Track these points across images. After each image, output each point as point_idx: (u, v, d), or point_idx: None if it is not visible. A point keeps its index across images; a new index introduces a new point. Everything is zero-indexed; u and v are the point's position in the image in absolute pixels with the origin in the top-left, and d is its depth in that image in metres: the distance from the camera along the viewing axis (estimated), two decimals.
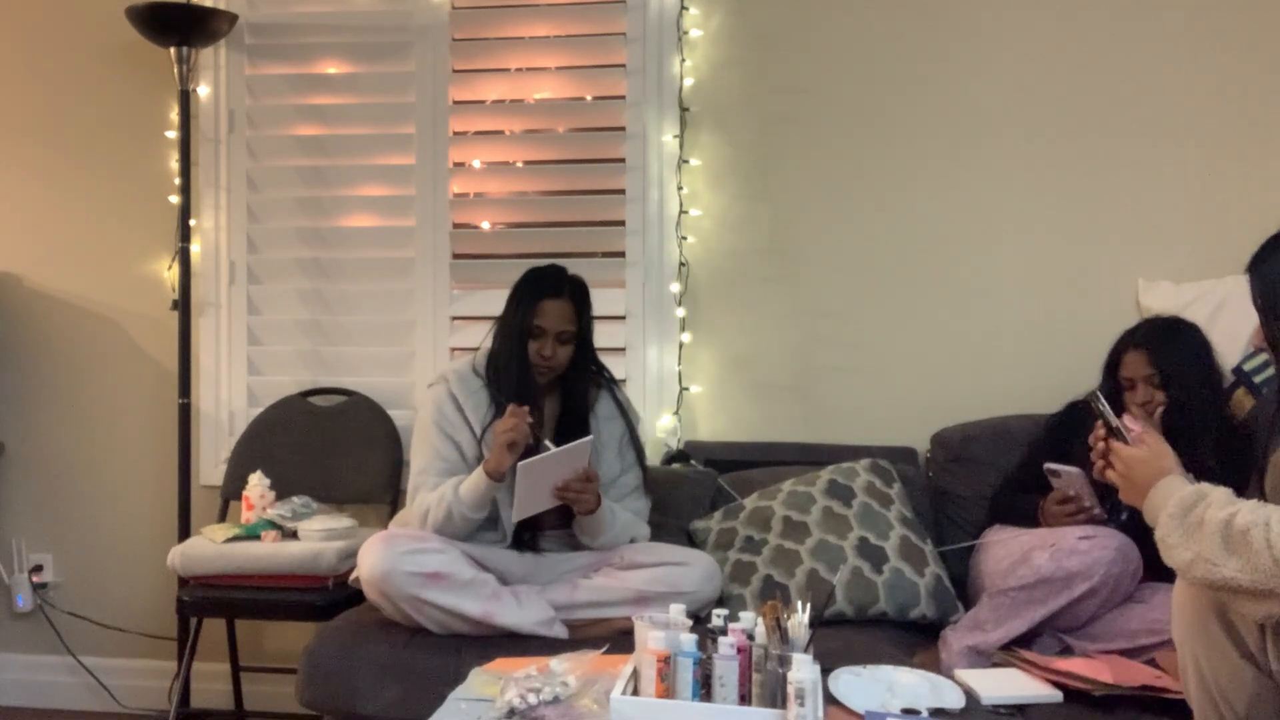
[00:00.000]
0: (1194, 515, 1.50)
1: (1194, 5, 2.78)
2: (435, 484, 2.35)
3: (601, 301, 2.64)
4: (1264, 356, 2.40)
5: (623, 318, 2.97)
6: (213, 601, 2.63)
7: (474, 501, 2.28)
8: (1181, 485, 1.59)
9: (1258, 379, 2.45)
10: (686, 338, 2.96)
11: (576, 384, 2.48)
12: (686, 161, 2.95)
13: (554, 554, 2.44)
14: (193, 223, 3.07)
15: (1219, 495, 1.51)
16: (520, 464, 2.20)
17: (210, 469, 3.11)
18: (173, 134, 3.09)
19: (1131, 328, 2.40)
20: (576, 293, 2.44)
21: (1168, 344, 2.32)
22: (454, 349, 3.05)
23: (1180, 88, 2.79)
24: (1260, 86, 2.75)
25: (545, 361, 2.39)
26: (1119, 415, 1.77)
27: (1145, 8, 2.80)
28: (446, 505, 2.28)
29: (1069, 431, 2.44)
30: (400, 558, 2.18)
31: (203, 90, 3.11)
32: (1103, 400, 1.83)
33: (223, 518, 2.92)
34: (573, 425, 2.44)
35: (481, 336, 2.51)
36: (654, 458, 2.83)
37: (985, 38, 2.86)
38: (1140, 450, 1.68)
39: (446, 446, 2.39)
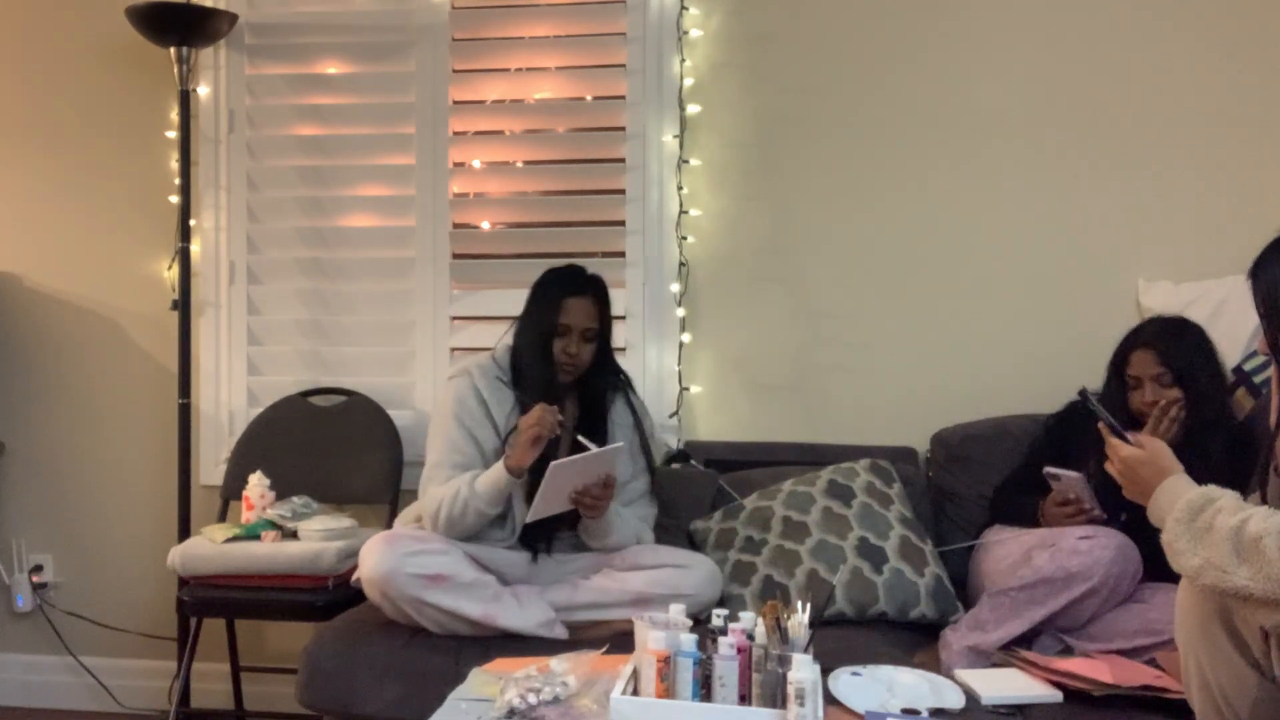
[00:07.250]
0: (1202, 520, 1.48)
1: (1194, 6, 2.78)
2: (448, 478, 2.32)
3: None
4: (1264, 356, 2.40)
5: (623, 318, 2.96)
6: (213, 601, 2.63)
7: (491, 496, 2.26)
8: (1186, 487, 1.57)
9: (1258, 379, 2.45)
10: (686, 338, 2.96)
11: (595, 385, 2.47)
12: (686, 161, 2.95)
13: (557, 555, 2.43)
14: (193, 223, 3.07)
15: (1228, 500, 1.49)
16: (553, 464, 2.16)
17: (210, 469, 3.11)
18: (173, 134, 3.09)
19: (1137, 327, 2.40)
20: (598, 290, 2.44)
21: (1177, 343, 2.32)
22: (454, 349, 3.05)
23: (1181, 88, 2.79)
24: (1260, 87, 2.75)
25: (570, 360, 2.39)
26: (1120, 419, 1.77)
27: (1145, 8, 2.80)
28: (462, 500, 2.25)
29: (1069, 431, 2.44)
30: (402, 559, 2.17)
31: (203, 90, 3.11)
32: (1092, 398, 1.83)
33: (223, 518, 2.92)
34: (592, 427, 2.43)
35: (481, 336, 2.51)
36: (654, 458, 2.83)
37: (985, 37, 2.86)
38: (1138, 450, 1.67)
39: (465, 440, 2.36)
